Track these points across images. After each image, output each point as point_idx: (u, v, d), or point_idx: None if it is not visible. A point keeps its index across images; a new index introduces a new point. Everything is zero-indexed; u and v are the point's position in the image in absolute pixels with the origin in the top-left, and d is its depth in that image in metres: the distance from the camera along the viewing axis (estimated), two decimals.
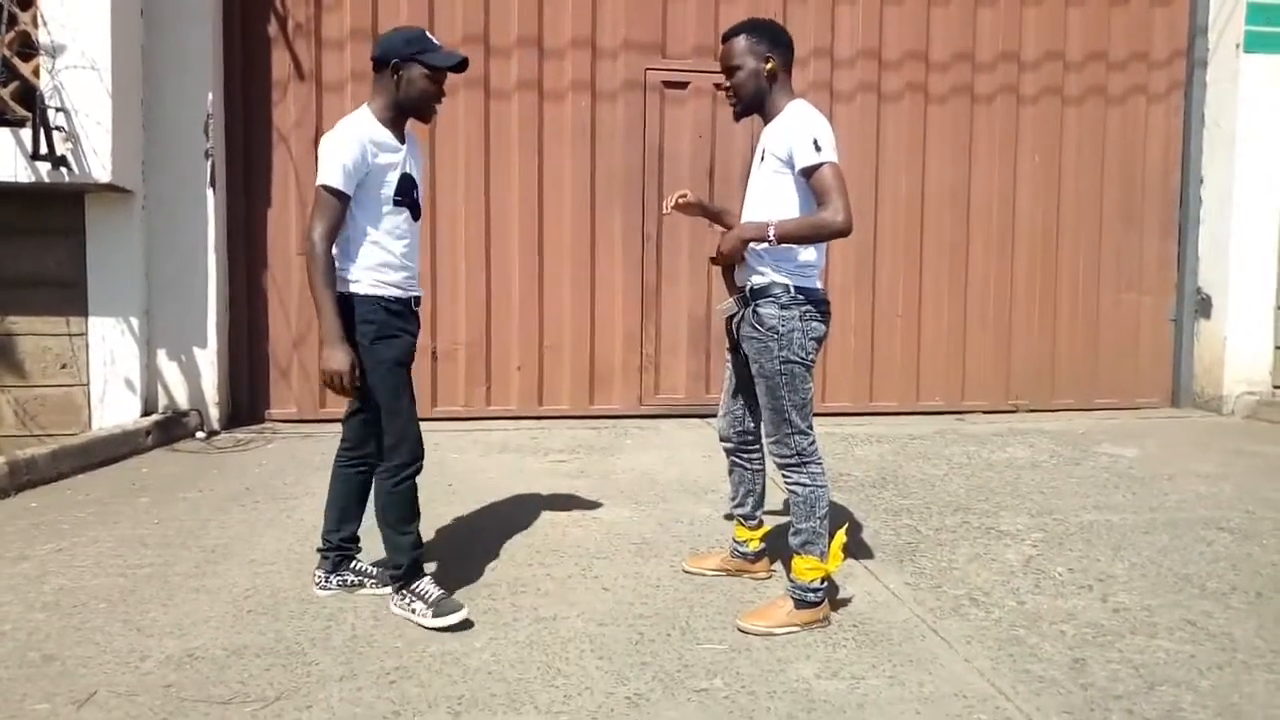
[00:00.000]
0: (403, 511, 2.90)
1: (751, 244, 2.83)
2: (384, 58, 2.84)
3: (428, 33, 2.90)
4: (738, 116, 3.03)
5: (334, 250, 2.82)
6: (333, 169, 2.74)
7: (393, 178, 2.86)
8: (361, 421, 2.98)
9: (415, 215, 2.96)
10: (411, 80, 2.83)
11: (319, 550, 3.13)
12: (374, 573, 3.11)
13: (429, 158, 5.83)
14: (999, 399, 6.67)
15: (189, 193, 5.50)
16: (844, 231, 2.71)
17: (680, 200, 3.22)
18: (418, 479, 2.94)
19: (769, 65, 2.88)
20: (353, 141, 2.77)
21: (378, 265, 2.84)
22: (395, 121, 2.89)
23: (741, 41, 2.90)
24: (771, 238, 2.74)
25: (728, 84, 2.96)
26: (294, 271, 5.88)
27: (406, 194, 2.90)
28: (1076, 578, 3.29)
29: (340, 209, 2.77)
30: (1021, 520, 3.97)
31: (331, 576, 3.10)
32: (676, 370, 6.33)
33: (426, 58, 2.84)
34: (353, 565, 3.13)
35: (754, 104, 2.93)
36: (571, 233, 6.15)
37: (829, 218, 2.69)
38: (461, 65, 2.94)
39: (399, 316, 2.88)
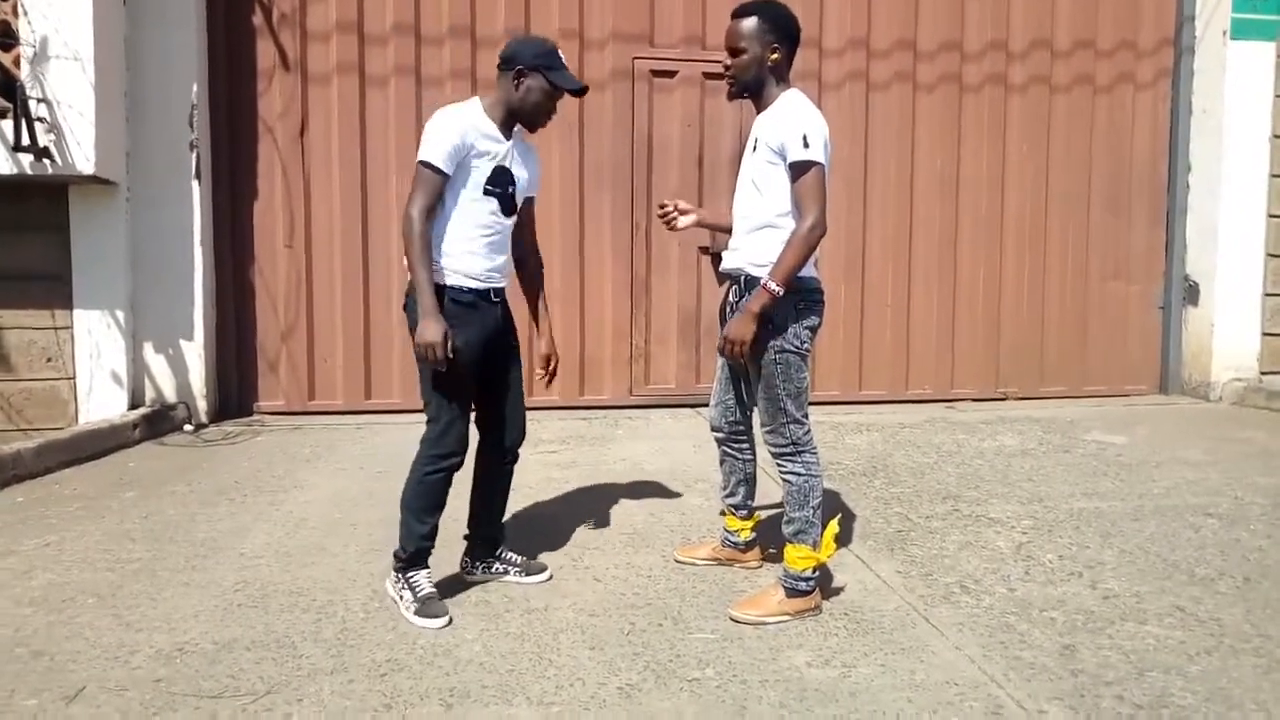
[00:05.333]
0: (427, 501, 2.89)
1: (764, 307, 2.72)
2: (510, 61, 2.87)
3: (558, 50, 2.92)
4: (731, 97, 2.99)
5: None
6: (435, 146, 2.78)
7: (487, 166, 2.86)
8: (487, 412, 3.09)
9: (506, 209, 2.94)
10: (530, 89, 2.86)
11: (466, 538, 3.19)
12: (519, 561, 3.16)
13: (415, 151, 5.78)
14: (988, 387, 6.68)
15: (174, 184, 5.46)
16: (820, 235, 2.72)
17: (681, 210, 3.23)
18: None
19: (774, 56, 2.84)
20: (457, 123, 2.81)
21: (457, 253, 2.85)
22: (504, 121, 2.91)
23: (752, 24, 2.83)
24: (777, 291, 2.70)
25: (729, 64, 2.90)
26: (281, 263, 5.85)
27: (498, 184, 2.89)
28: (1066, 565, 3.30)
29: (439, 186, 2.80)
30: (1011, 508, 3.99)
31: (479, 565, 3.15)
32: (667, 360, 6.32)
33: (551, 75, 2.86)
34: (498, 554, 3.17)
35: (751, 90, 2.90)
36: (560, 222, 6.13)
37: (805, 231, 2.69)
38: (582, 91, 2.95)
39: (469, 309, 2.86)
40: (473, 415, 3.05)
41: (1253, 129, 6.51)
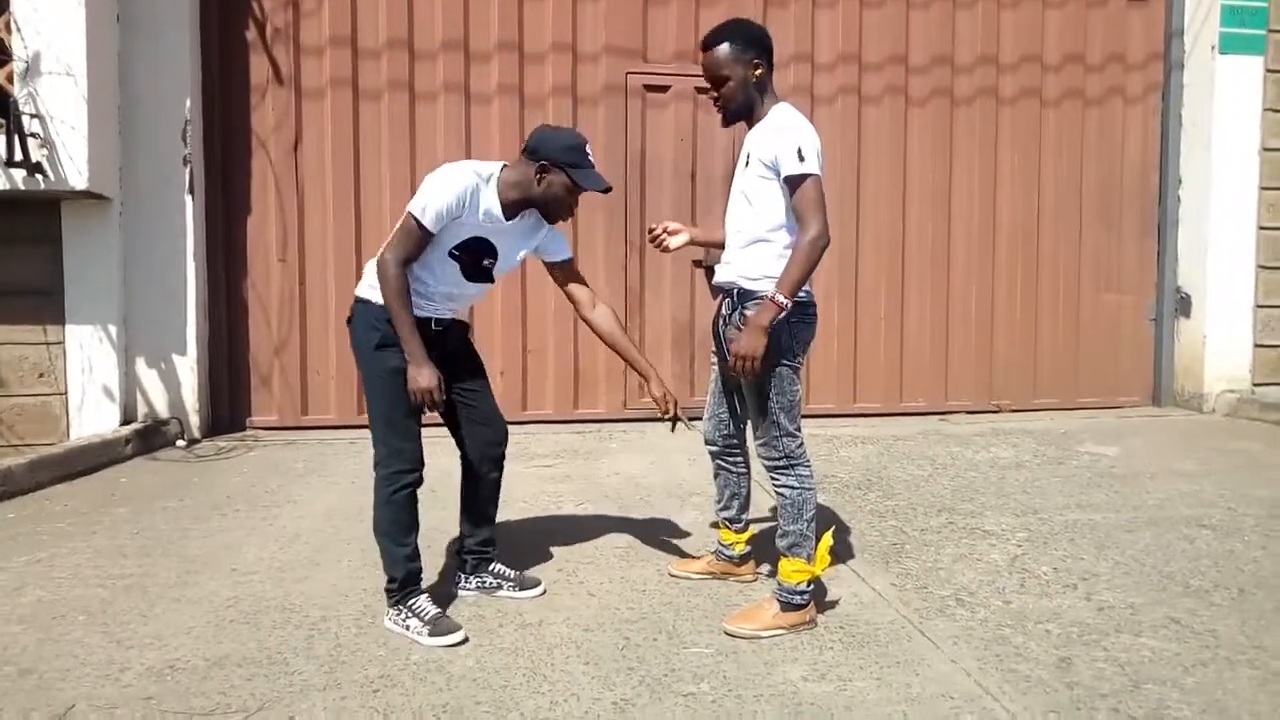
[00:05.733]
0: (399, 522, 2.83)
1: (773, 320, 2.69)
2: (535, 153, 2.83)
3: (588, 146, 2.88)
4: (727, 123, 2.97)
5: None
6: (428, 205, 2.72)
7: (466, 233, 2.82)
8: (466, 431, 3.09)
9: (471, 276, 2.90)
10: (552, 184, 2.83)
11: (457, 553, 3.18)
12: (512, 575, 3.16)
13: (409, 165, 5.82)
14: (982, 399, 6.69)
15: (167, 199, 5.45)
16: (825, 245, 2.70)
17: (670, 232, 3.22)
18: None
19: (758, 73, 2.84)
20: (459, 190, 2.74)
21: (410, 287, 2.80)
22: (515, 204, 2.86)
23: (727, 50, 2.82)
24: (785, 304, 2.67)
25: (715, 94, 2.89)
26: (274, 278, 5.84)
27: (467, 253, 2.85)
28: (1061, 577, 3.29)
29: (421, 243, 2.75)
30: (1006, 520, 3.98)
31: (471, 578, 3.14)
32: (660, 374, 6.27)
33: (576, 174, 2.82)
34: (490, 568, 3.16)
35: (744, 113, 2.89)
36: None
37: (809, 241, 2.67)
38: (606, 190, 2.91)
39: None
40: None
41: (1242, 142, 6.55)
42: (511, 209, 2.87)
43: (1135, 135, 6.83)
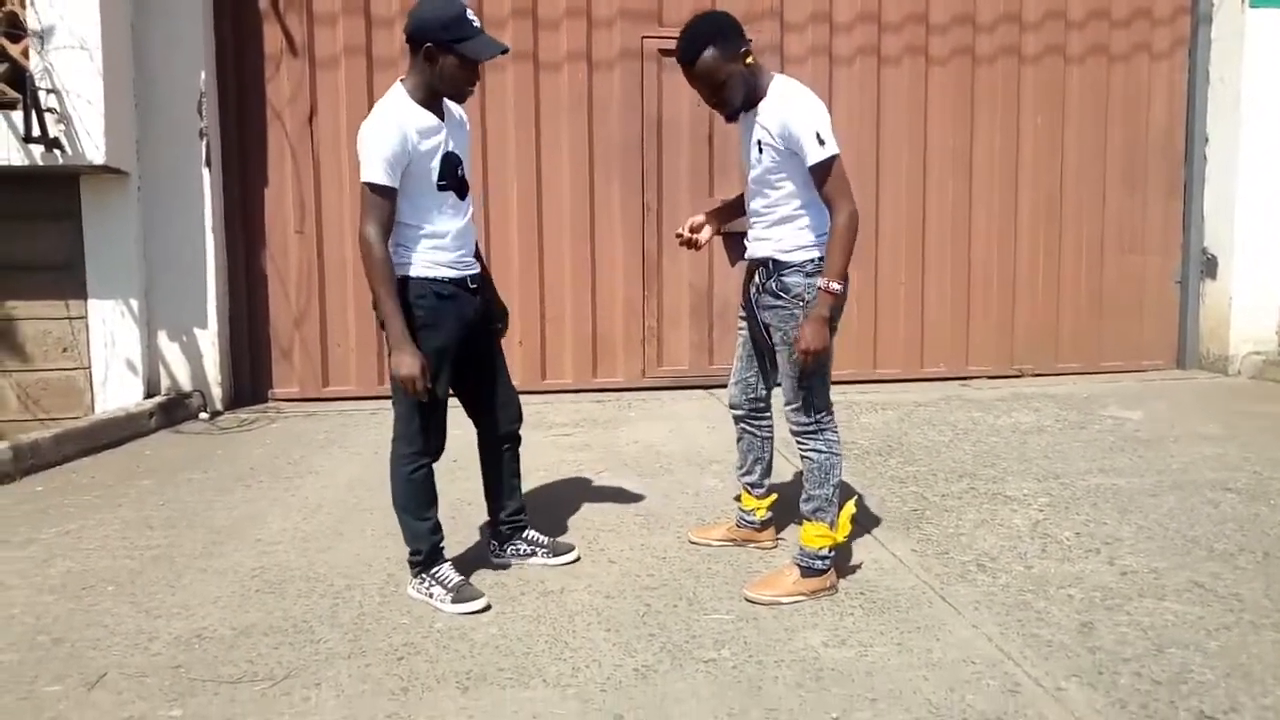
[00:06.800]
0: (419, 498, 2.85)
1: (832, 308, 2.77)
2: (416, 39, 2.67)
3: (467, 12, 2.66)
4: (734, 118, 2.92)
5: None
6: (374, 165, 2.62)
7: (436, 163, 2.73)
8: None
9: (462, 193, 2.83)
10: (445, 67, 2.67)
11: (489, 526, 3.20)
12: (545, 542, 3.17)
13: None
14: (1004, 364, 6.64)
15: (185, 172, 5.46)
16: (858, 222, 2.73)
17: (695, 228, 3.18)
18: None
19: (749, 59, 2.79)
20: (391, 131, 2.63)
21: (428, 249, 2.75)
22: (431, 101, 2.74)
23: (711, 54, 2.74)
24: (839, 290, 2.73)
25: (716, 100, 2.85)
26: (292, 250, 5.85)
27: (450, 175, 2.77)
28: (1084, 541, 3.28)
29: (389, 205, 2.66)
30: (1028, 485, 3.96)
31: (506, 547, 3.16)
32: (679, 342, 6.30)
33: (464, 49, 2.65)
34: (524, 535, 3.17)
35: (748, 101, 2.85)
36: (570, 204, 6.11)
37: (846, 225, 2.70)
38: (504, 52, 2.77)
39: (449, 300, 2.78)
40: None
41: (1271, 99, 6.40)
42: (434, 108, 2.76)
43: (1161, 93, 6.69)
